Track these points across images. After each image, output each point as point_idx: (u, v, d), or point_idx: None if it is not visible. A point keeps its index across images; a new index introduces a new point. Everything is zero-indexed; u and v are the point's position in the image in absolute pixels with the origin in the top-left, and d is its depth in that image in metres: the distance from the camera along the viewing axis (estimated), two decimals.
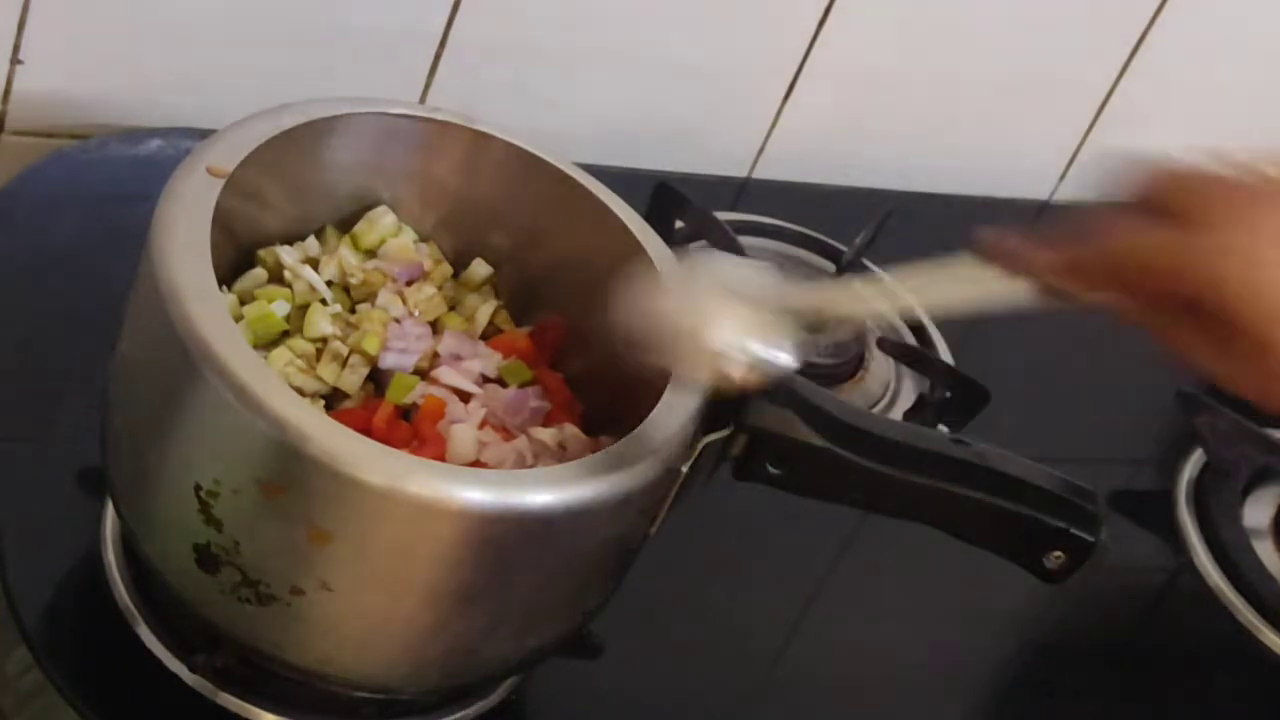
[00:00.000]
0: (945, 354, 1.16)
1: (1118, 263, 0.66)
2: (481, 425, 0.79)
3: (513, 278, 0.87)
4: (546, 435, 0.79)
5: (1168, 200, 0.65)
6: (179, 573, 0.73)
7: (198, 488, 0.70)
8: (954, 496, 0.78)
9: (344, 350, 0.79)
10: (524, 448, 0.78)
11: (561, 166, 0.83)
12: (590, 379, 0.84)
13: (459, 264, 0.86)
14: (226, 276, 0.81)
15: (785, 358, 0.71)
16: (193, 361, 0.68)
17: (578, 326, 0.85)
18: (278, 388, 0.69)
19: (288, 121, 0.78)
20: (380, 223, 0.84)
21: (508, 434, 0.79)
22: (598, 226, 0.82)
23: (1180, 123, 1.39)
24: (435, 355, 0.82)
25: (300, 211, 0.84)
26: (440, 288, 0.84)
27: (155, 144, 1.04)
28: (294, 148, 0.79)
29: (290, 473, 0.68)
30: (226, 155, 0.76)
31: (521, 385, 0.81)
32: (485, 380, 0.81)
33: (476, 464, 0.77)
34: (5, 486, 0.86)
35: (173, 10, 1.04)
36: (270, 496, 0.69)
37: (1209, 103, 1.39)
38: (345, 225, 0.85)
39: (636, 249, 0.81)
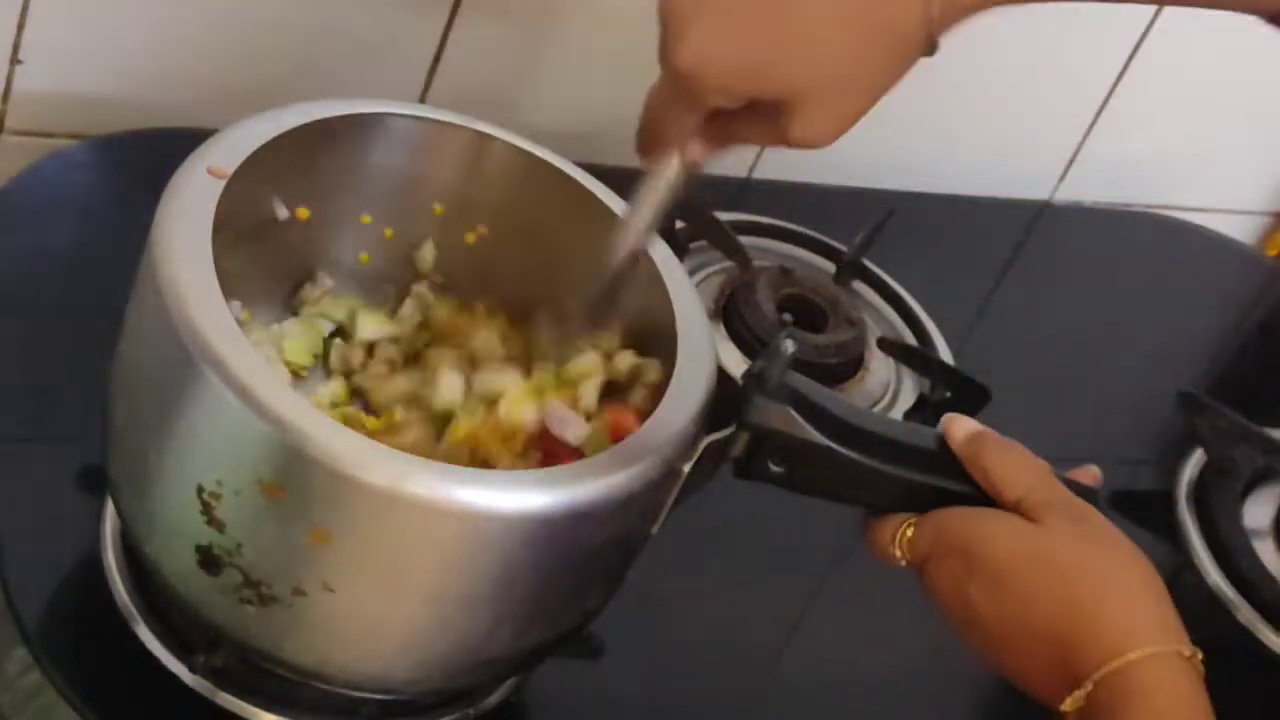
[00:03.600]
0: (945, 354, 1.16)
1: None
2: None
3: (512, 278, 0.87)
4: None
5: None
6: (180, 574, 0.73)
7: (200, 489, 0.70)
8: (954, 496, 0.78)
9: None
10: None
11: (561, 166, 0.84)
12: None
13: (460, 264, 0.87)
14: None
15: None
16: (193, 361, 0.68)
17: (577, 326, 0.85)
18: (278, 388, 0.69)
19: (288, 122, 0.78)
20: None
21: None
22: (598, 226, 0.82)
23: (1179, 123, 1.39)
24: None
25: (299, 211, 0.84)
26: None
27: (155, 144, 1.04)
28: (294, 148, 0.79)
29: (291, 473, 0.68)
30: (227, 155, 0.76)
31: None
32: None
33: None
34: (5, 486, 0.86)
35: (172, 11, 1.04)
36: (271, 497, 0.68)
37: (1208, 103, 1.39)
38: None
39: None
